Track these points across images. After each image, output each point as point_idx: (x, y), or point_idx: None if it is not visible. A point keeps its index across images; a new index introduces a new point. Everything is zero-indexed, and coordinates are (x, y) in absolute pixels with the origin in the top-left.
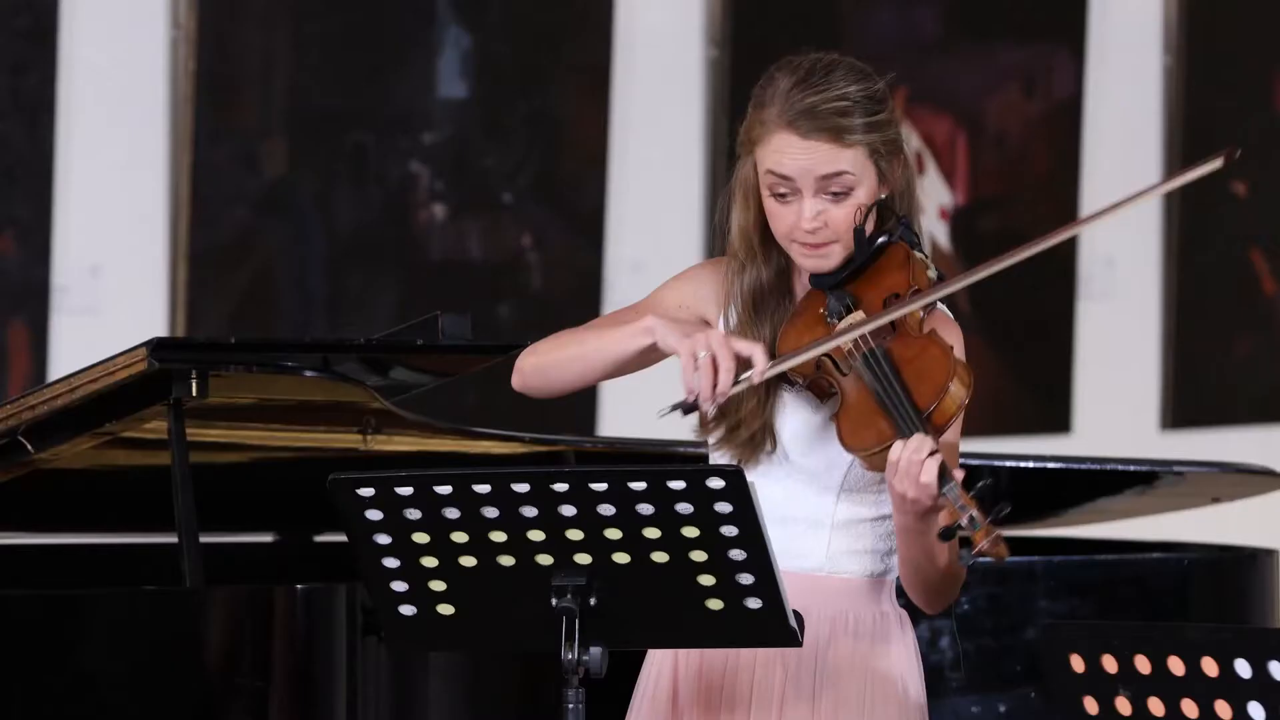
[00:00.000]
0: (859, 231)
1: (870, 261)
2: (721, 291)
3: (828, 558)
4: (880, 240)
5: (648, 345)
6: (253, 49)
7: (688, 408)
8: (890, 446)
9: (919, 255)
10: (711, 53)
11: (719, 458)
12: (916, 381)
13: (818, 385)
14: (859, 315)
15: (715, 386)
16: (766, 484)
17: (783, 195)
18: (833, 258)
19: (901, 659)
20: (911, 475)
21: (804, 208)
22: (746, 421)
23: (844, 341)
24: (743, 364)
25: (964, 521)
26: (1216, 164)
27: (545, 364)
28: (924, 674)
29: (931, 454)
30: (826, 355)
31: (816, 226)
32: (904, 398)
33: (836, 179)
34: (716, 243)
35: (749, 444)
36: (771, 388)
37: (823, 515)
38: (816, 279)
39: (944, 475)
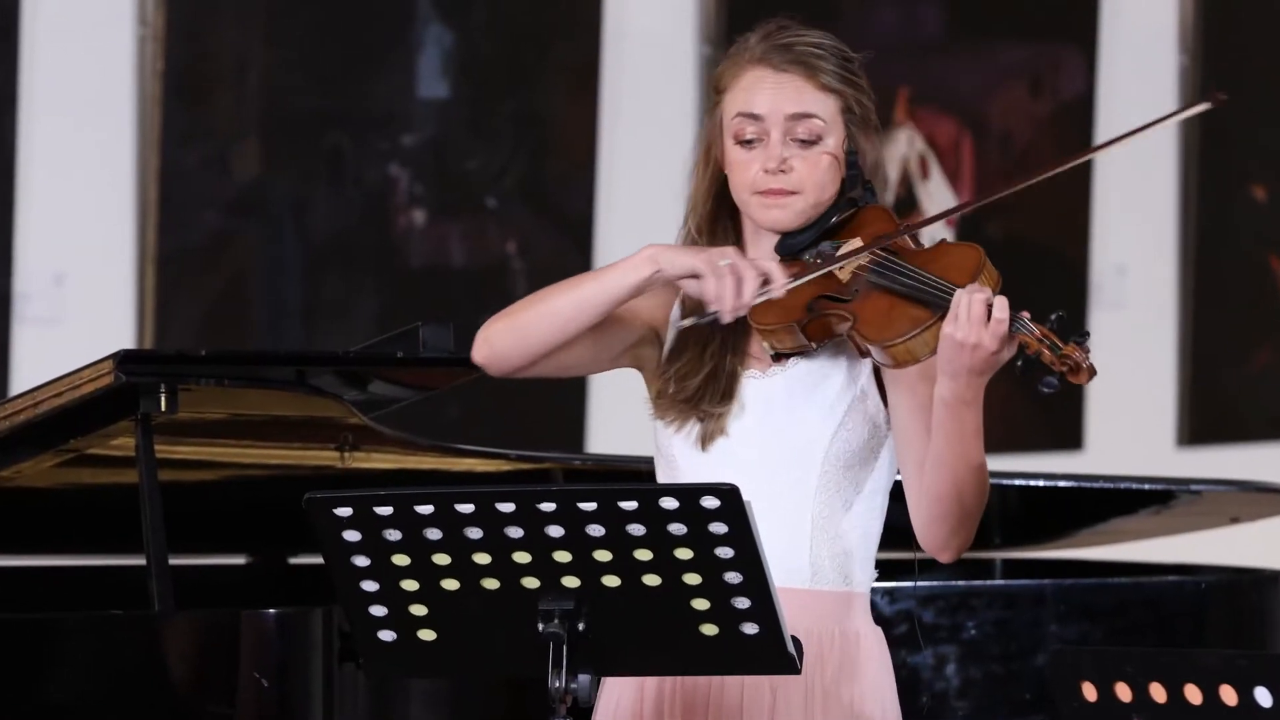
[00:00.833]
0: (847, 181)
1: (844, 223)
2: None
3: (810, 564)
4: (855, 197)
5: (649, 276)
6: (224, 47)
7: (709, 319)
8: (931, 326)
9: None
10: (705, 51)
11: (674, 438)
12: (947, 272)
13: (816, 327)
14: (857, 241)
15: (740, 295)
16: (737, 482)
17: (749, 142)
18: (795, 210)
19: (881, 683)
20: (977, 315)
21: (770, 148)
22: (708, 392)
23: (857, 260)
24: (762, 278)
25: (1042, 348)
26: (1205, 106)
27: (520, 323)
28: (901, 697)
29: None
30: (824, 294)
31: (781, 169)
32: (939, 282)
33: (806, 121)
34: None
35: (712, 422)
36: (736, 365)
37: (800, 512)
38: (785, 242)
39: (1016, 318)
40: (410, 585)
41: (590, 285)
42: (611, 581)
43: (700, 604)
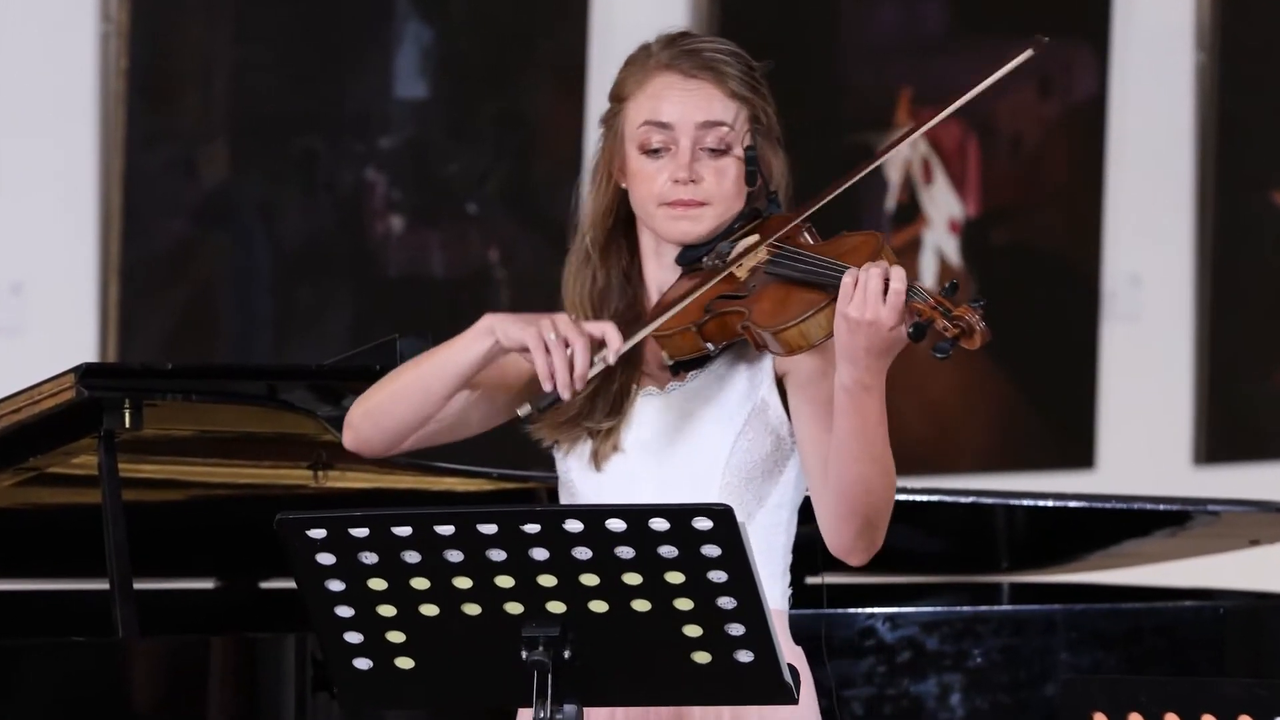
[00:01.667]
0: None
1: (752, 231)
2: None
3: None
4: (759, 208)
5: (490, 348)
6: (191, 45)
7: (549, 402)
8: (825, 308)
9: None
10: None
11: (568, 460)
12: (844, 257)
13: (714, 327)
14: (753, 238)
15: (573, 370)
16: (635, 498)
17: (655, 151)
18: (704, 222)
19: (805, 704)
20: (874, 290)
21: (679, 157)
22: (596, 406)
23: (755, 256)
24: (596, 344)
25: (935, 314)
26: (1027, 54)
27: (375, 406)
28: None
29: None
30: (722, 294)
31: (691, 178)
32: (834, 263)
33: (715, 129)
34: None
35: (603, 439)
36: (629, 381)
37: None
38: (686, 253)
39: (914, 287)
40: (387, 611)
41: (434, 363)
42: (599, 607)
43: (692, 631)
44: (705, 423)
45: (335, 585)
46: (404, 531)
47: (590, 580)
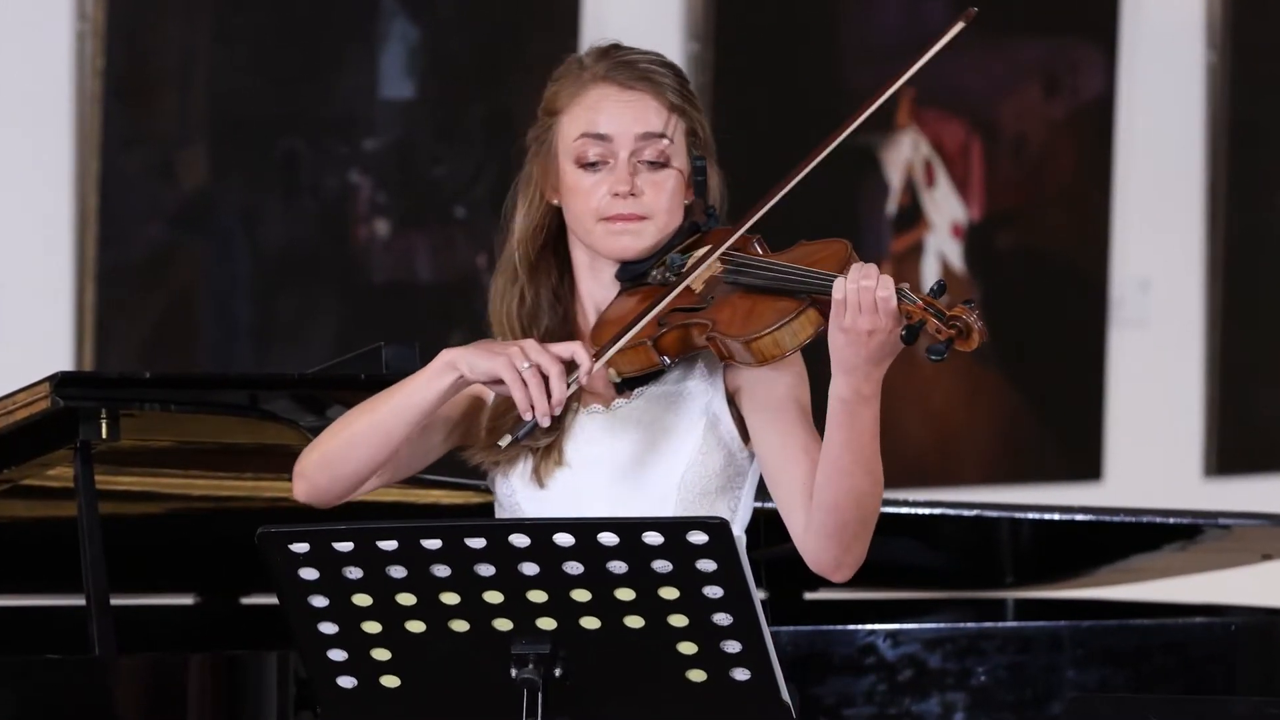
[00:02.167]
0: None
1: (695, 246)
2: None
3: None
4: (698, 222)
5: (453, 383)
6: (169, 44)
7: (528, 429)
8: (798, 315)
9: None
10: (693, 47)
11: (510, 480)
12: (813, 264)
13: (671, 340)
14: (705, 249)
15: (550, 396)
16: (584, 515)
17: (593, 165)
18: (645, 237)
19: None
20: (868, 303)
21: (618, 167)
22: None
23: (708, 268)
24: (567, 365)
25: (927, 315)
26: (959, 26)
27: (330, 453)
28: None
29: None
30: (676, 308)
31: (631, 191)
32: (807, 271)
33: (655, 142)
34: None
35: (543, 455)
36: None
37: None
38: (626, 269)
39: (900, 290)
40: (372, 627)
41: (391, 405)
42: (590, 623)
43: (687, 648)
44: (658, 439)
45: (319, 601)
46: (389, 546)
47: (581, 596)
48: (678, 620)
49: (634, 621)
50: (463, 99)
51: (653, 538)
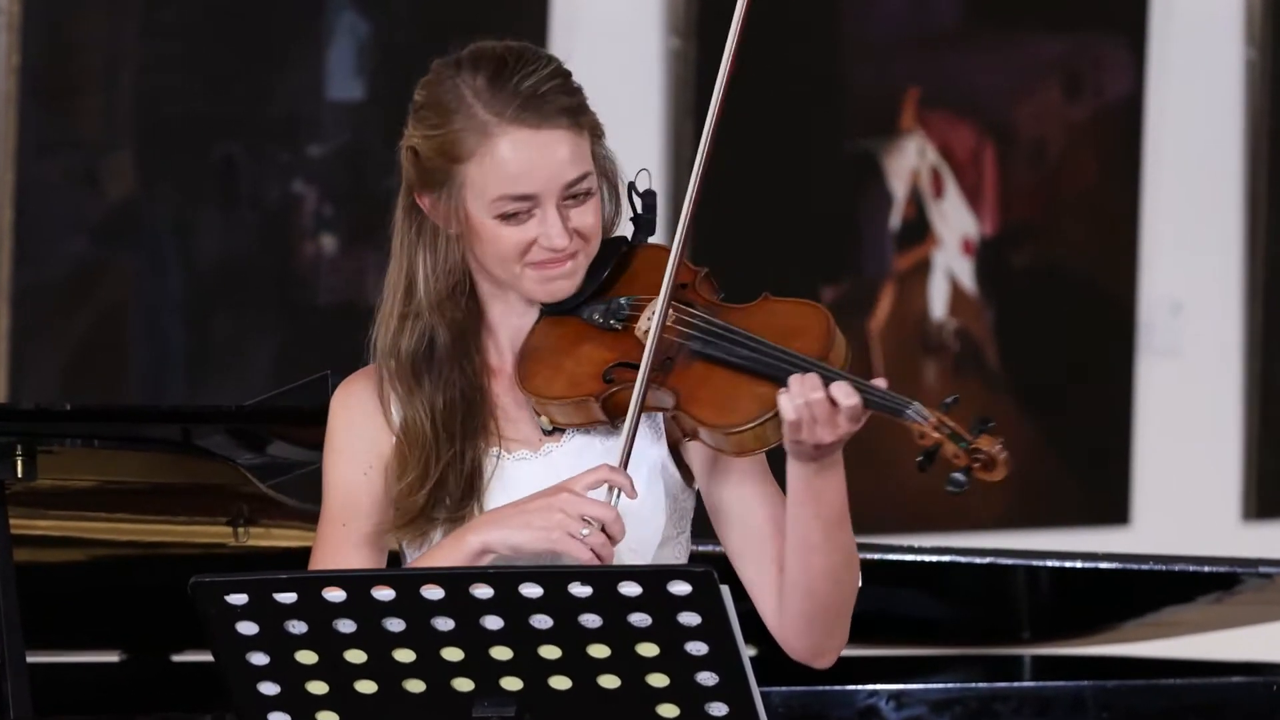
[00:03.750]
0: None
1: (623, 267)
2: (370, 389)
3: None
4: (623, 238)
5: (489, 562)
6: (93, 38)
7: None
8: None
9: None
10: (674, 44)
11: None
12: (788, 339)
13: (620, 402)
14: (642, 293)
15: (615, 538)
16: None
17: (514, 215)
18: (577, 275)
19: None
20: (820, 412)
21: (547, 219)
22: (440, 498)
23: (659, 319)
24: (617, 492)
25: (941, 438)
26: None
27: None
28: None
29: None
30: (624, 361)
31: (568, 245)
32: (785, 354)
33: (580, 183)
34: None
35: (453, 516)
36: (476, 452)
37: None
38: (553, 306)
39: (879, 395)
40: (318, 688)
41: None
42: (561, 683)
43: (668, 711)
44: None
45: (258, 659)
46: (337, 596)
47: (551, 653)
48: (658, 680)
49: (609, 681)
50: None
51: (630, 588)
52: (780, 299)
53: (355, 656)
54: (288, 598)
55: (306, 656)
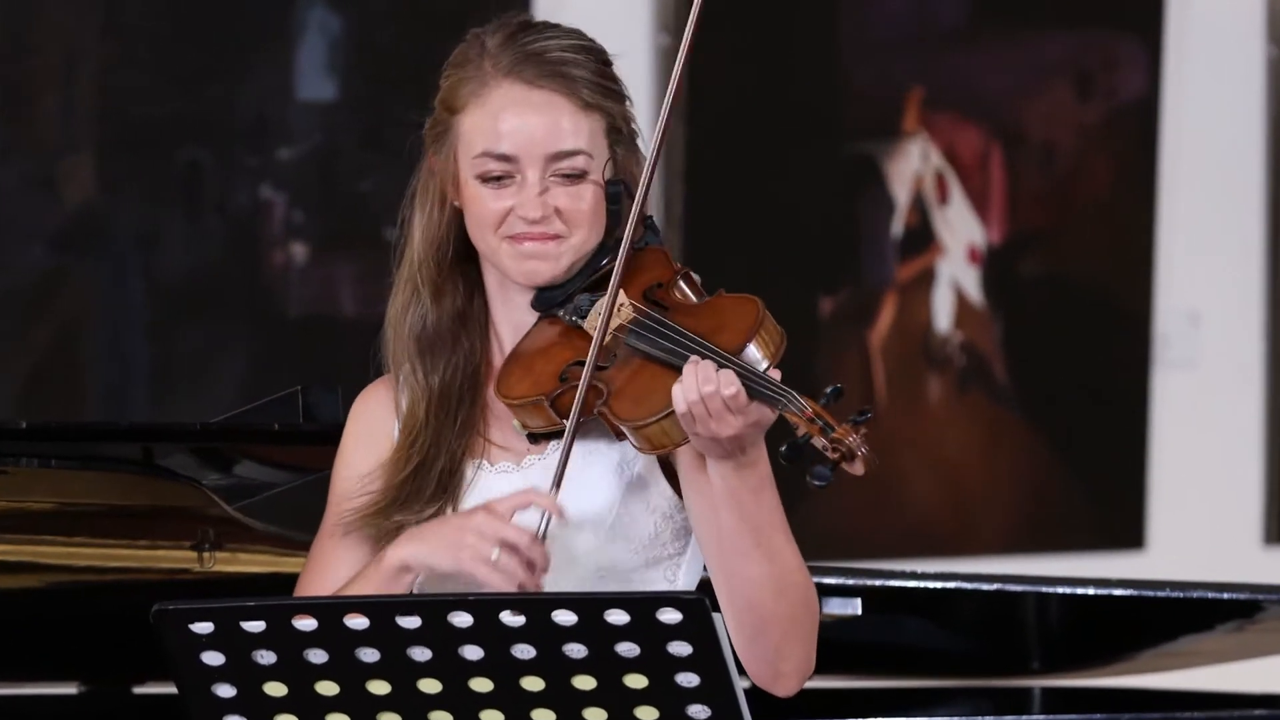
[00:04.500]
0: (610, 218)
1: (627, 268)
2: (385, 396)
3: None
4: (640, 244)
5: (408, 584)
6: (51, 36)
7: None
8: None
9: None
10: (663, 40)
11: None
12: (716, 332)
13: (570, 403)
14: (606, 299)
15: (534, 569)
16: None
17: (497, 179)
18: (562, 260)
19: None
20: (714, 406)
21: (525, 186)
22: (418, 501)
23: (618, 319)
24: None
25: (813, 430)
26: None
27: None
28: None
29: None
30: (578, 360)
31: (542, 214)
32: (701, 344)
33: (569, 159)
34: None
35: (415, 517)
36: (459, 453)
37: None
38: (544, 296)
39: (760, 385)
40: None
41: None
42: (544, 717)
43: None
44: (571, 504)
45: (224, 691)
46: (308, 625)
47: (534, 684)
48: (646, 713)
49: (595, 715)
50: (393, 101)
51: (617, 616)
52: (728, 295)
53: (327, 689)
54: (255, 626)
55: (275, 689)
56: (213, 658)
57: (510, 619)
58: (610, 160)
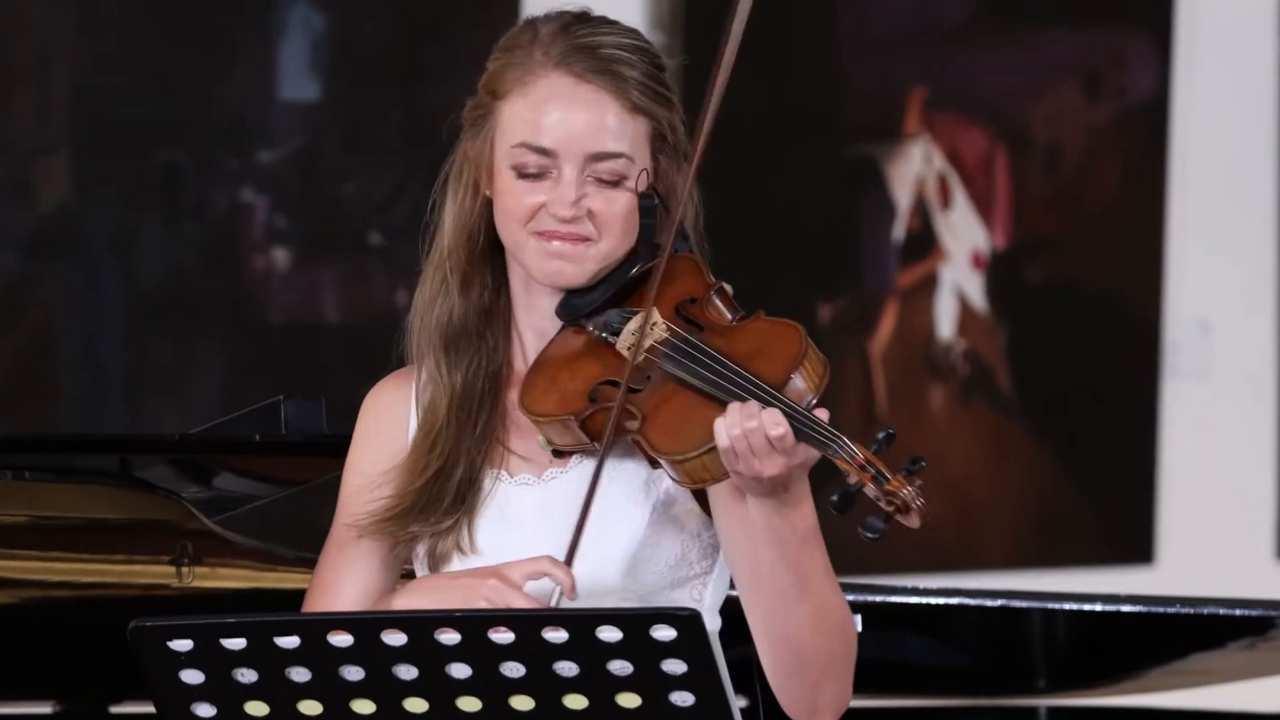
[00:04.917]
0: (643, 230)
1: (643, 279)
2: (403, 390)
3: None
4: (660, 243)
5: None
6: (24, 34)
7: None
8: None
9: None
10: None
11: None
12: (756, 361)
13: (601, 422)
14: (653, 311)
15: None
16: None
17: (532, 175)
18: (587, 264)
19: None
20: (756, 443)
21: (561, 182)
22: (436, 511)
23: (650, 338)
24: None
25: (865, 478)
26: None
27: None
28: None
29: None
30: (608, 379)
31: (575, 214)
32: (745, 379)
33: (610, 161)
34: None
35: (443, 536)
36: (478, 461)
37: None
38: (570, 303)
39: (809, 427)
40: None
41: None
42: None
43: None
44: (600, 518)
45: (204, 710)
46: (290, 643)
47: (523, 704)
48: None
49: None
50: (378, 101)
51: (609, 633)
52: (767, 318)
53: (310, 708)
54: (236, 644)
55: (257, 708)
56: (192, 676)
57: (499, 636)
58: (650, 168)
